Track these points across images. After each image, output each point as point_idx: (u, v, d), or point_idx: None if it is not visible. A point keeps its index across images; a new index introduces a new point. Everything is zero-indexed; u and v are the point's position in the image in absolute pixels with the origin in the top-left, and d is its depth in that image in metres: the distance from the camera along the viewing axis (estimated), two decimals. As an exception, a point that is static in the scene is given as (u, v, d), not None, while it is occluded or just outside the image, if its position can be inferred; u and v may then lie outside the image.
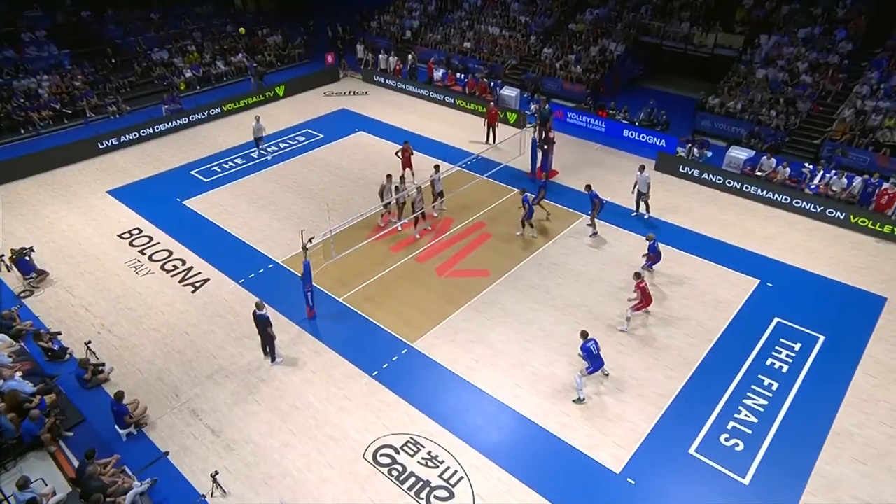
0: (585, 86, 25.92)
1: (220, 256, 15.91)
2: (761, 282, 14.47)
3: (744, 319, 13.31)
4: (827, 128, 20.38)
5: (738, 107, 21.97)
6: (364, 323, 13.57)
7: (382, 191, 16.64)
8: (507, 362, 12.40)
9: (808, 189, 17.59)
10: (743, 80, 22.95)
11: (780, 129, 20.68)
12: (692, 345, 12.65)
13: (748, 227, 16.90)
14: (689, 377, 11.83)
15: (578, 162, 20.91)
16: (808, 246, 15.99)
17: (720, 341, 12.73)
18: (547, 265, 15.44)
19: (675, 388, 11.58)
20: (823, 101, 21.27)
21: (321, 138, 23.03)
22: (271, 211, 18.11)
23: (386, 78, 28.20)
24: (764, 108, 21.45)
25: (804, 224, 16.98)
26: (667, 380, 11.79)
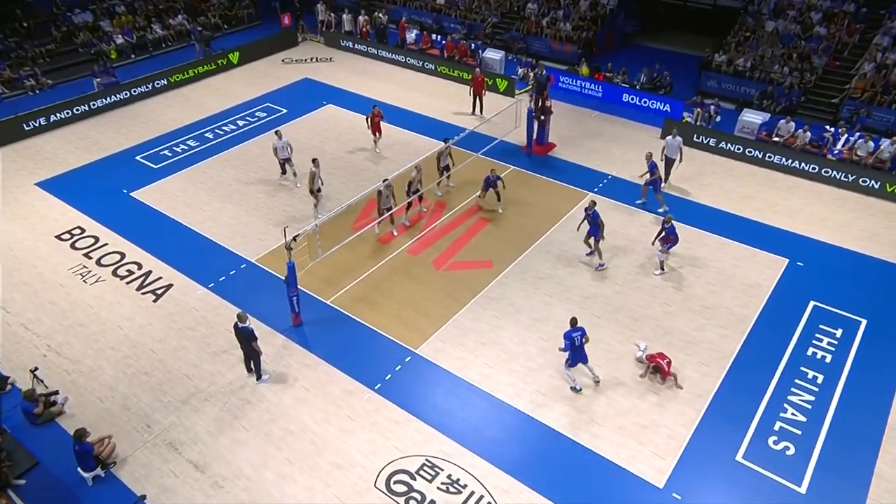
0: (577, 45, 25.37)
1: (183, 257, 15.04)
2: (791, 261, 14.43)
3: (777, 305, 13.24)
4: (845, 85, 20.39)
5: (748, 64, 21.80)
6: (358, 328, 13.02)
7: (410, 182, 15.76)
8: (524, 366, 12.06)
9: (831, 155, 17.59)
10: (751, 33, 22.74)
11: (795, 88, 20.61)
12: (725, 336, 12.52)
13: (770, 199, 16.83)
14: (726, 373, 11.70)
15: (576, 133, 20.50)
16: (835, 218, 16.01)
17: (754, 330, 12.63)
18: (555, 252, 15.09)
19: (712, 387, 11.44)
20: (840, 55, 21.24)
21: (284, 113, 22.02)
22: (236, 201, 17.22)
23: (352, 42, 27.10)
24: (776, 65, 21.31)
25: (830, 194, 17.01)
26: (702, 377, 11.63)
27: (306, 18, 29.58)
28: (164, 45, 27.71)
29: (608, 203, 16.74)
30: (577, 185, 17.66)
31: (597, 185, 17.62)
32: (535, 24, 26.59)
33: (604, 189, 17.41)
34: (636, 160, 18.27)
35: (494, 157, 18.52)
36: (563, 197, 17.13)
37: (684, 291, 13.74)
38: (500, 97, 22.74)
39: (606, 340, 12.55)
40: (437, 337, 12.77)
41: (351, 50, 27.16)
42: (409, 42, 27.06)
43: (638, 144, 19.36)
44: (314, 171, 15.92)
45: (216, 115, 21.94)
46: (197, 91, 23.85)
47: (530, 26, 26.61)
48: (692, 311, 13.20)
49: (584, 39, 25.38)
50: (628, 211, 16.31)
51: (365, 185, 17.57)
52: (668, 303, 13.44)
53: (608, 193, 17.19)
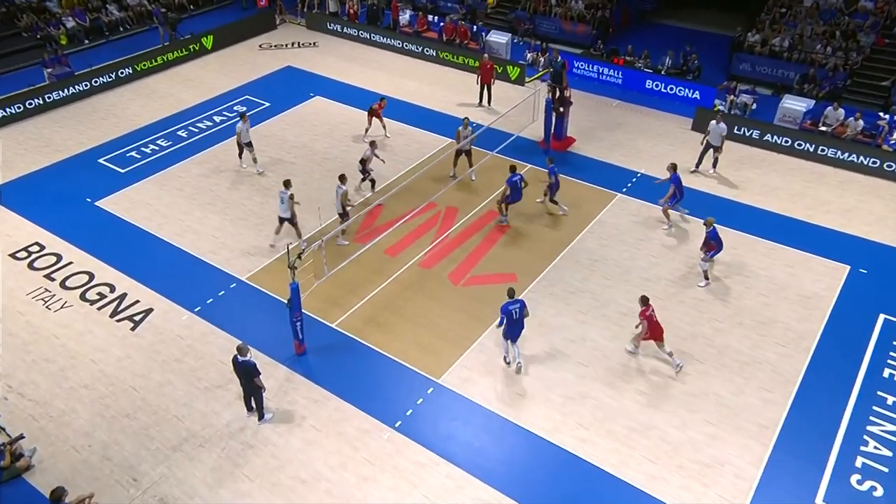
0: (591, 25, 25.10)
1: (163, 276, 14.53)
2: (852, 268, 14.26)
3: (842, 318, 13.04)
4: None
5: (785, 44, 21.65)
6: (371, 355, 12.62)
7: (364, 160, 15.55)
8: (562, 395, 11.74)
9: (886, 145, 17.46)
10: (787, 9, 22.60)
11: (840, 70, 20.47)
12: (786, 356, 12.28)
13: (821, 197, 16.67)
14: (792, 400, 11.45)
15: (595, 124, 20.24)
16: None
17: (819, 349, 12.41)
18: (585, 262, 14.79)
19: (779, 416, 11.18)
20: (889, 31, 21.13)
21: (267, 108, 21.54)
22: (220, 209, 16.72)
23: (339, 24, 26.61)
24: (818, 45, 21.17)
25: (888, 190, 16.88)
26: (765, 405, 11.37)
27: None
28: (121, 28, 27.04)
29: (638, 205, 16.48)
30: (603, 184, 17.38)
31: (625, 184, 17.36)
32: (542, 2, 26.29)
33: (634, 189, 17.16)
34: (666, 154, 18.03)
35: (508, 155, 18.16)
36: (589, 198, 16.85)
37: (734, 304, 13.49)
38: (510, 86, 22.44)
39: (651, 364, 12.26)
40: (461, 363, 12.41)
41: (337, 34, 26.68)
42: (402, 24, 26.69)
43: (667, 137, 19.14)
44: (345, 190, 15.07)
45: (189, 110, 21.41)
46: (165, 82, 23.27)
47: (538, 5, 26.32)
48: (745, 326, 12.96)
49: (599, 19, 25.11)
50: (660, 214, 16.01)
51: (366, 189, 17.16)
52: (717, 318, 13.19)
53: (639, 194, 16.93)
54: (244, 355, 10.79)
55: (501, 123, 18.24)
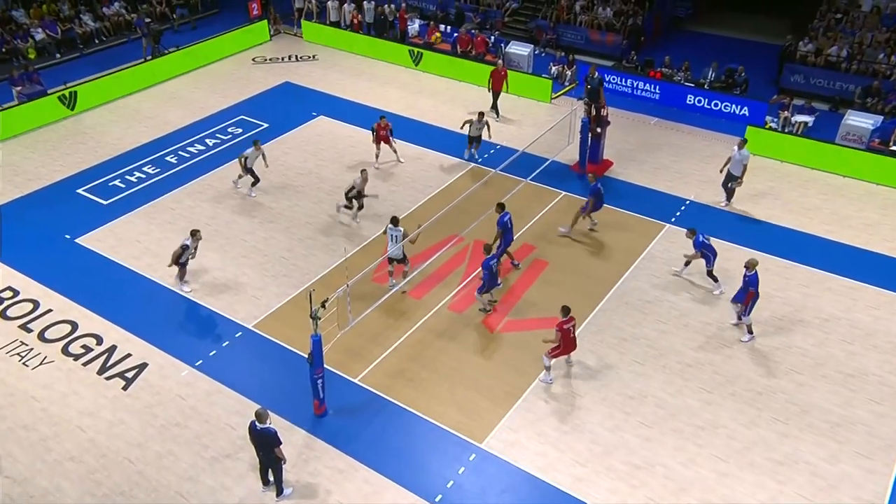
0: (621, 35, 24.98)
1: (157, 325, 14.01)
2: (946, 309, 13.84)
3: (942, 369, 12.58)
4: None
5: (843, 53, 21.49)
6: (401, 416, 12.09)
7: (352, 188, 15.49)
8: (626, 462, 11.20)
9: (966, 168, 17.19)
10: (842, 15, 22.50)
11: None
12: (883, 416, 11.78)
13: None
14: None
15: (633, 145, 19.99)
16: None
17: (921, 407, 11.93)
18: (636, 304, 14.35)
19: (884, 489, 10.62)
20: (958, 38, 21.09)
21: (266, 129, 21.25)
22: (219, 245, 16.27)
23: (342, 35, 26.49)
24: (881, 53, 21.01)
25: (976, 218, 16.58)
26: (866, 475, 10.83)
27: (278, 6, 28.94)
28: (97, 40, 26.87)
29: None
30: (649, 213, 17.02)
31: (674, 213, 17.01)
32: (566, 9, 26.21)
33: (684, 218, 16.78)
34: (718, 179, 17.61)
35: (539, 182, 17.81)
36: (634, 230, 16.48)
37: (814, 353, 13.03)
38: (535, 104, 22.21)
39: (726, 424, 11.73)
40: (505, 425, 11.88)
41: (339, 46, 26.51)
42: (411, 35, 26.58)
43: (715, 159, 18.79)
44: (402, 231, 14.33)
45: (178, 133, 21.10)
46: (149, 100, 23.01)
47: (561, 12, 26.25)
48: (830, 380, 12.47)
49: (630, 27, 25.00)
50: (724, 248, 15.57)
51: (382, 219, 16.74)
52: (796, 369, 12.71)
53: (691, 224, 16.36)
54: (263, 422, 10.23)
55: (533, 147, 17.89)
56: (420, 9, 28.68)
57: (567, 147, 18.35)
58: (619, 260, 15.49)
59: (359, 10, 26.99)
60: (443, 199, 16.75)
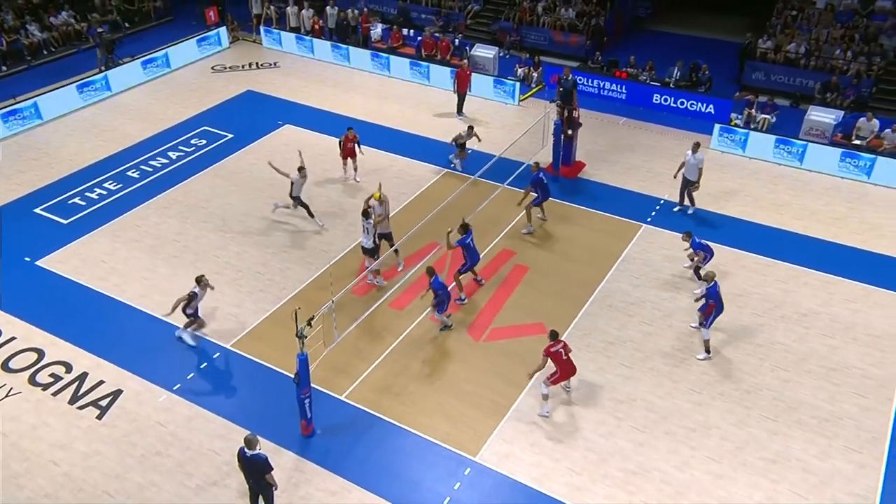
0: (585, 35, 25.05)
1: (130, 349, 13.48)
2: (920, 300, 14.14)
3: (922, 360, 12.83)
4: (924, 69, 20.75)
5: (801, 50, 21.87)
6: (391, 432, 11.81)
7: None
8: (622, 468, 11.12)
9: (926, 159, 17.63)
10: (798, 12, 22.91)
11: (864, 77, 20.73)
12: (868, 409, 11.93)
13: (868, 220, 16.66)
14: (886, 462, 11.04)
15: (604, 146, 20.04)
16: (953, 240, 15.95)
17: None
18: (619, 306, 14.33)
19: (875, 483, 10.74)
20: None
21: (231, 139, 20.71)
22: (190, 262, 15.75)
23: (302, 41, 25.99)
24: (837, 49, 21.44)
25: (939, 209, 17.00)
26: (857, 470, 10.94)
27: (236, 13, 28.30)
28: (45, 51, 25.88)
29: (669, 237, 16.13)
30: (625, 214, 17.04)
31: (649, 213, 17.06)
32: (528, 10, 26.19)
33: (659, 218, 16.87)
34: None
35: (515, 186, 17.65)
36: (612, 231, 16.47)
37: (796, 349, 13.15)
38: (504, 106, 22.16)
39: (717, 424, 11.75)
40: (498, 436, 11.70)
41: (300, 52, 26.03)
42: (374, 39, 26.24)
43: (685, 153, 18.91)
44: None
45: (138, 146, 20.45)
46: (105, 113, 22.27)
47: (523, 14, 26.21)
48: (814, 375, 12.60)
49: (593, 27, 25.08)
50: (701, 245, 15.70)
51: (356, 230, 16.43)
52: (781, 366, 12.82)
53: (666, 223, 16.64)
54: (253, 448, 9.85)
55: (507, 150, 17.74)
56: (381, 13, 28.33)
57: (541, 150, 18.27)
58: (599, 262, 15.45)
59: (319, 15, 26.52)
60: (418, 206, 16.51)
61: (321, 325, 11.63)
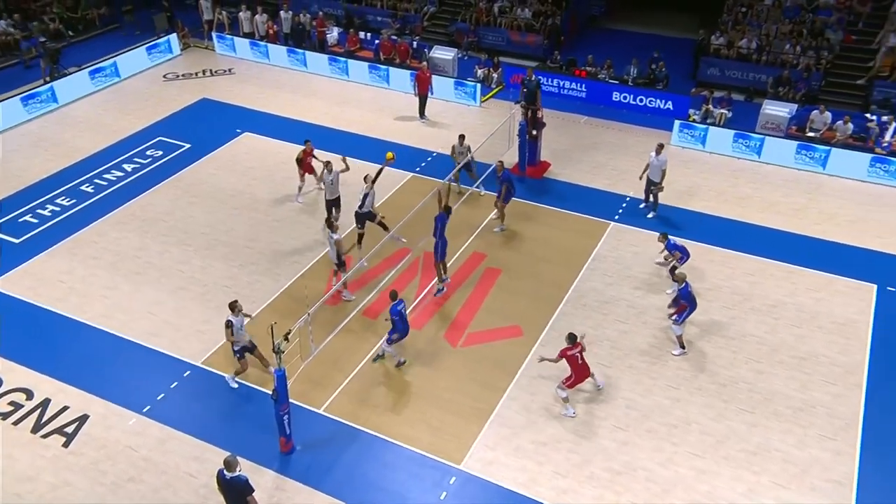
0: (542, 35, 25.15)
1: (94, 372, 12.97)
2: (879, 287, 14.48)
3: (885, 346, 13.12)
4: (868, 62, 21.27)
5: (753, 45, 22.32)
6: (373, 444, 11.61)
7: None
8: (607, 468, 11.13)
9: (878, 148, 18.12)
10: (747, 8, 23.38)
11: (813, 70, 21.25)
12: (838, 396, 12.18)
13: (826, 209, 17.04)
14: (860, 448, 11.29)
15: (567, 145, 20.11)
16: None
17: (872, 384, 12.38)
18: (594, 305, 14.37)
19: (851, 469, 10.96)
20: (854, 27, 22.19)
21: (188, 149, 20.16)
22: (154, 278, 15.27)
23: (257, 47, 25.47)
24: (787, 44, 21.94)
25: (892, 196, 17.45)
26: (834, 457, 11.15)
27: (186, 19, 27.60)
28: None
29: (637, 234, 16.28)
30: (593, 213, 17.11)
31: (616, 211, 17.18)
32: (485, 11, 26.17)
33: (627, 215, 16.99)
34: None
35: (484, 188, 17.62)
36: (581, 230, 16.52)
37: (768, 340, 13.37)
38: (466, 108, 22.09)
39: (696, 420, 11.86)
40: (481, 443, 11.60)
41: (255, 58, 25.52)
42: (330, 44, 25.91)
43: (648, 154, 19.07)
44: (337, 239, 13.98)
45: (91, 159, 19.78)
46: (53, 126, 21.49)
47: (480, 15, 26.17)
48: (786, 365, 12.82)
49: (550, 27, 25.19)
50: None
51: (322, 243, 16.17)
52: (755, 358, 13.01)
53: (634, 221, 16.76)
54: (233, 470, 9.52)
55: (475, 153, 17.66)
56: (336, 17, 27.96)
57: (508, 151, 18.25)
58: (571, 262, 15.48)
59: (273, 20, 26.04)
60: (386, 212, 16.24)
61: (297, 338, 11.35)
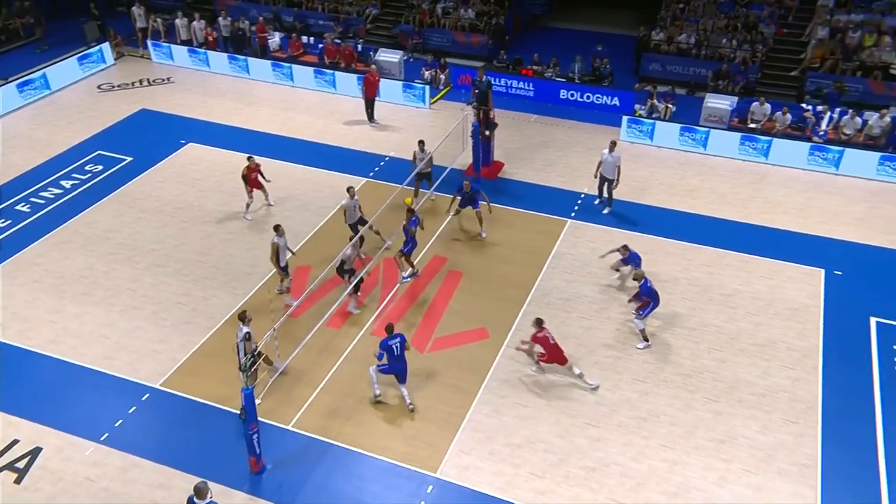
0: (486, 35, 25.21)
1: (46, 402, 12.38)
2: (827, 271, 14.98)
3: (836, 329, 13.57)
4: (800, 54, 22.04)
5: (692, 40, 22.86)
6: (346, 457, 11.40)
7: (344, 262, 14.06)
8: (582, 466, 11.18)
9: (816, 136, 18.77)
10: (684, 4, 23.92)
11: (750, 63, 21.90)
12: (798, 380, 12.54)
13: (772, 198, 17.55)
14: (822, 429, 11.63)
15: (519, 144, 20.21)
16: (849, 211, 17.02)
17: (828, 367, 12.77)
18: (557, 303, 14.46)
19: (814, 451, 11.28)
20: (785, 20, 22.96)
21: (130, 163, 19.48)
22: (102, 299, 14.67)
23: (196, 54, 24.77)
24: (724, 39, 22.54)
25: (831, 183, 18.09)
26: (797, 440, 11.47)
27: (118, 27, 26.64)
28: None
29: (594, 230, 16.48)
30: (549, 211, 17.24)
31: (572, 208, 17.33)
32: (428, 13, 26.07)
33: (583, 212, 17.16)
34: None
35: (438, 191, 17.53)
36: (539, 229, 16.60)
37: (727, 329, 13.68)
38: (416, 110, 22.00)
39: (664, 411, 12.04)
40: (456, 448, 11.52)
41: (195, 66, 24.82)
42: (272, 49, 25.39)
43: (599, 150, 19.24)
44: (277, 243, 13.77)
45: (26, 177, 18.92)
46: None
47: (423, 16, 26.06)
48: (746, 353, 13.13)
49: (494, 27, 25.27)
50: (626, 237, 16.07)
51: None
52: (717, 347, 13.29)
53: (590, 217, 16.95)
54: (203, 498, 9.22)
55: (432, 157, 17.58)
56: (278, 21, 27.41)
57: (462, 153, 18.22)
58: (531, 261, 15.53)
59: (212, 26, 25.35)
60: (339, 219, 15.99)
61: (263, 354, 11.04)
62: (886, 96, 20.21)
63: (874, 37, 21.24)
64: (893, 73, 20.71)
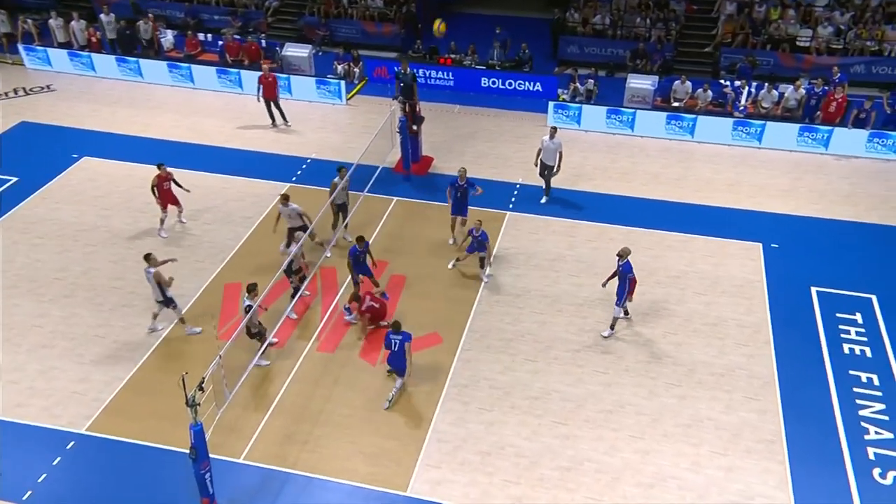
0: (397, 24, 24.89)
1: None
2: (764, 244, 15.63)
3: (781, 301, 14.17)
4: (711, 30, 22.93)
5: (607, 21, 23.35)
6: (307, 486, 10.94)
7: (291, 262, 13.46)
8: (555, 467, 11.19)
9: (736, 111, 19.58)
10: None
11: (665, 42, 22.59)
12: (752, 356, 13.01)
13: (703, 176, 18.16)
14: (781, 405, 12.08)
15: (446, 136, 20.09)
16: (776, 184, 17.85)
17: (778, 341, 13.29)
18: (507, 300, 14.44)
19: (778, 427, 11.71)
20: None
21: (16, 184, 18.08)
22: (5, 340, 13.50)
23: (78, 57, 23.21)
24: (637, 18, 23.15)
25: (755, 157, 18.92)
26: (761, 417, 11.88)
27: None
28: None
29: (533, 220, 16.58)
30: (486, 204, 17.03)
31: (509, 200, 17.36)
32: (333, 3, 25.47)
33: (520, 203, 17.20)
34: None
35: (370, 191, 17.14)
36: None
37: (679, 311, 14.04)
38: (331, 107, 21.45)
39: (629, 401, 12.23)
40: (424, 463, 11.27)
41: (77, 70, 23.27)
42: (166, 49, 24.13)
43: (529, 139, 19.49)
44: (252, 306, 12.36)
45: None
46: None
47: (328, 7, 25.45)
48: (700, 333, 13.52)
49: (405, 15, 24.97)
50: (567, 226, 16.23)
51: (205, 266, 15.09)
52: (671, 331, 13.62)
53: (528, 208, 17.02)
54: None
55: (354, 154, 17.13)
56: (166, 18, 26.06)
57: (392, 150, 17.88)
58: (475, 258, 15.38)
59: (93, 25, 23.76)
60: (268, 229, 15.38)
61: (210, 385, 10.42)
62: (795, 68, 21.34)
63: (779, 10, 22.37)
64: (800, 45, 21.89)
